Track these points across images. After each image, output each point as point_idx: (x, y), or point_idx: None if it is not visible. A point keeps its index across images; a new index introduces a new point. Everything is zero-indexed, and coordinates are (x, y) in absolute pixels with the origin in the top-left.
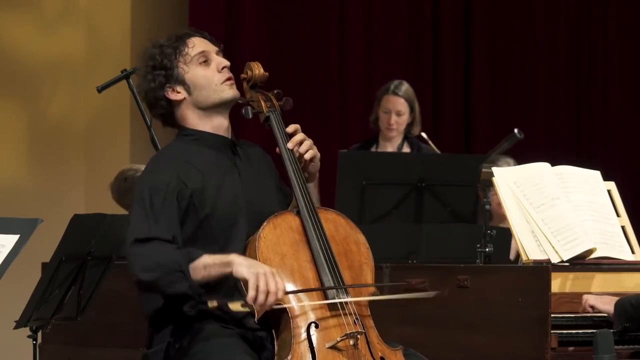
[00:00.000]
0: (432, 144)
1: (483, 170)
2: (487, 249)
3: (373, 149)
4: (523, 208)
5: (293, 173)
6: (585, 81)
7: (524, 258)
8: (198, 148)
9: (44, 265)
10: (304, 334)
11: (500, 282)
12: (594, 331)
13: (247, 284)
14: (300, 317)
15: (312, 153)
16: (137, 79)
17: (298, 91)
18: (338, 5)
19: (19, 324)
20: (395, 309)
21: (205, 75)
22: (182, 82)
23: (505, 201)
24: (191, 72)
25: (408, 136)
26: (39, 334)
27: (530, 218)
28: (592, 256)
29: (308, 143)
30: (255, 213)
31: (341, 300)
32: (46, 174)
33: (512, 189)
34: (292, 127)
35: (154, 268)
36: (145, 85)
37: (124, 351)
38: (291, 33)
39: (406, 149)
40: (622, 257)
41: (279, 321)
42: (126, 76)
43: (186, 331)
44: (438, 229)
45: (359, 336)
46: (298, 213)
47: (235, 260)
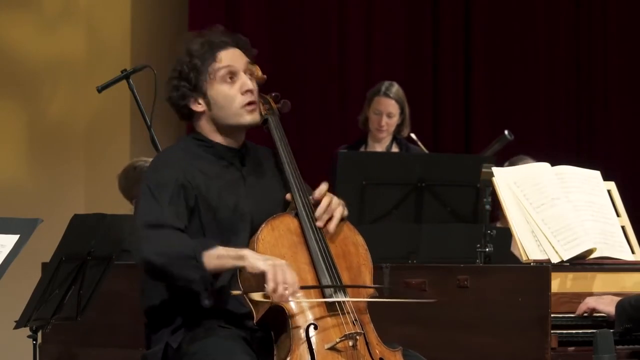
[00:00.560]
0: (421, 145)
1: (483, 170)
2: (487, 249)
3: (362, 150)
4: (523, 208)
5: (291, 176)
6: (585, 81)
7: (524, 258)
8: (206, 155)
9: (44, 265)
10: (303, 335)
11: (500, 282)
12: (594, 331)
13: (265, 276)
14: (299, 318)
15: (341, 210)
16: (166, 76)
17: (298, 91)
18: (338, 5)
19: (19, 324)
20: (395, 310)
21: (227, 94)
22: (204, 96)
23: (505, 201)
24: (214, 89)
25: (396, 137)
26: (39, 334)
27: (530, 218)
28: (592, 256)
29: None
30: (261, 221)
31: (339, 299)
32: (46, 174)
33: (512, 189)
34: (321, 192)
35: (167, 252)
36: (169, 88)
37: (124, 351)
38: (291, 33)
39: (395, 150)
40: (622, 257)
41: (278, 322)
42: (126, 76)
43: (185, 331)
44: (438, 229)
45: (358, 337)
46: (296, 215)
47: (248, 254)
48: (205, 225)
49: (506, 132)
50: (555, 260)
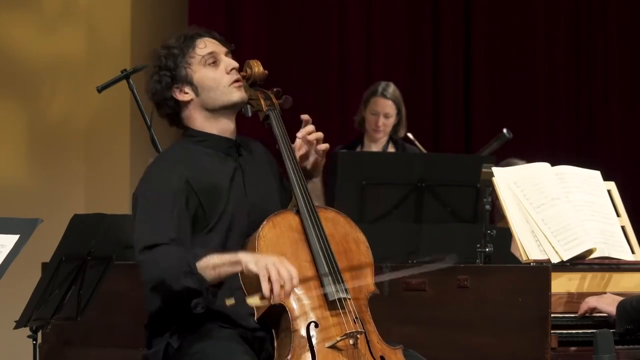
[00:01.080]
0: (419, 144)
1: (483, 170)
2: (487, 249)
3: (358, 150)
4: (523, 208)
5: (292, 172)
6: (585, 81)
7: (524, 258)
8: (204, 150)
9: (44, 265)
10: (304, 334)
11: (500, 282)
12: (594, 331)
13: (260, 279)
14: (299, 317)
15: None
16: (145, 79)
17: (298, 90)
18: (338, 5)
19: (19, 324)
20: (395, 309)
21: (213, 76)
22: (190, 83)
23: (505, 201)
24: (199, 73)
25: (393, 137)
26: (39, 334)
27: (530, 218)
28: (592, 256)
29: (319, 134)
30: (259, 216)
31: (341, 296)
32: (46, 174)
33: (512, 189)
34: (306, 116)
35: (161, 273)
36: (152, 85)
37: (124, 351)
38: (291, 32)
39: (391, 150)
40: (622, 257)
41: (279, 321)
42: (126, 76)
43: (185, 331)
44: (438, 229)
45: (359, 335)
46: (297, 212)
47: (243, 258)
48: (211, 225)
49: (505, 131)
50: (555, 260)
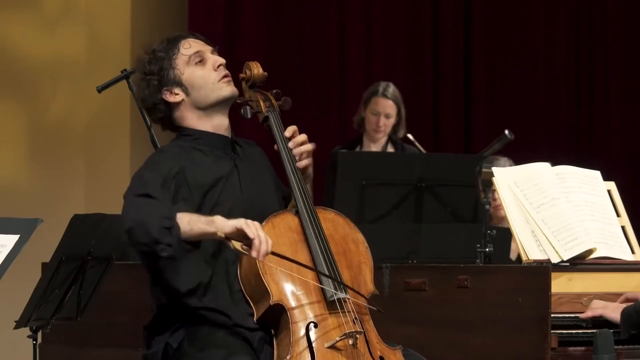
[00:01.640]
0: (418, 145)
1: (483, 170)
2: (487, 249)
3: (357, 150)
4: (523, 208)
5: (291, 173)
6: (585, 81)
7: (524, 258)
8: (199, 147)
9: (44, 265)
10: (303, 334)
11: (500, 282)
12: (594, 331)
13: (243, 230)
14: (299, 317)
15: (308, 158)
16: (135, 85)
17: (297, 91)
18: (338, 5)
19: (19, 324)
20: (395, 309)
21: (202, 74)
22: (179, 84)
23: (505, 201)
24: (187, 73)
25: (392, 137)
26: (39, 334)
27: (530, 218)
28: (592, 256)
29: (309, 146)
30: (255, 213)
31: (340, 296)
32: (46, 174)
33: (512, 189)
34: (290, 130)
35: (142, 217)
36: (141, 91)
37: (124, 351)
38: (291, 33)
39: (390, 150)
40: (622, 257)
41: (278, 321)
42: (126, 76)
43: (185, 331)
44: (438, 229)
45: (358, 336)
46: (297, 213)
47: (218, 218)
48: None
49: (506, 132)
50: (555, 260)
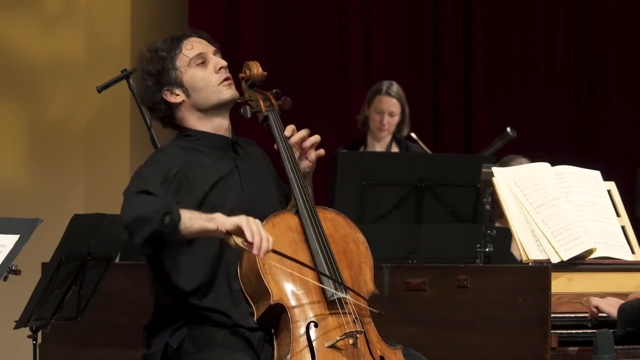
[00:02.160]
0: (422, 144)
1: (483, 170)
2: (487, 249)
3: (361, 150)
4: (523, 208)
5: (292, 172)
6: (585, 81)
7: (524, 258)
8: (200, 148)
9: (44, 265)
10: (304, 333)
11: (500, 282)
12: (594, 331)
13: (242, 229)
14: (299, 316)
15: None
16: (136, 83)
17: (297, 91)
18: (338, 5)
19: (19, 324)
20: (395, 309)
21: (203, 76)
22: (180, 85)
23: (505, 201)
24: (188, 74)
25: (396, 136)
26: (39, 334)
27: (530, 218)
28: (592, 256)
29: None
30: (256, 212)
31: (340, 296)
32: (46, 174)
33: (512, 189)
34: (290, 129)
35: (144, 211)
36: (142, 89)
37: (124, 351)
38: (291, 33)
39: (394, 149)
40: (622, 257)
41: (278, 320)
42: (126, 76)
43: (185, 331)
44: (438, 229)
45: (359, 335)
46: (297, 212)
47: (218, 215)
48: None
49: (508, 130)
50: (555, 260)
